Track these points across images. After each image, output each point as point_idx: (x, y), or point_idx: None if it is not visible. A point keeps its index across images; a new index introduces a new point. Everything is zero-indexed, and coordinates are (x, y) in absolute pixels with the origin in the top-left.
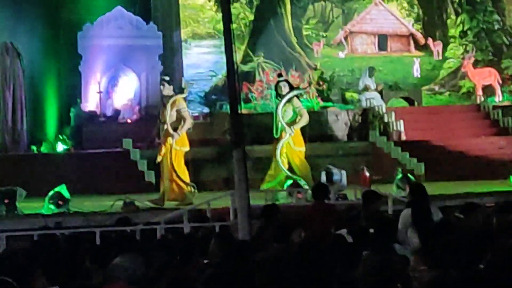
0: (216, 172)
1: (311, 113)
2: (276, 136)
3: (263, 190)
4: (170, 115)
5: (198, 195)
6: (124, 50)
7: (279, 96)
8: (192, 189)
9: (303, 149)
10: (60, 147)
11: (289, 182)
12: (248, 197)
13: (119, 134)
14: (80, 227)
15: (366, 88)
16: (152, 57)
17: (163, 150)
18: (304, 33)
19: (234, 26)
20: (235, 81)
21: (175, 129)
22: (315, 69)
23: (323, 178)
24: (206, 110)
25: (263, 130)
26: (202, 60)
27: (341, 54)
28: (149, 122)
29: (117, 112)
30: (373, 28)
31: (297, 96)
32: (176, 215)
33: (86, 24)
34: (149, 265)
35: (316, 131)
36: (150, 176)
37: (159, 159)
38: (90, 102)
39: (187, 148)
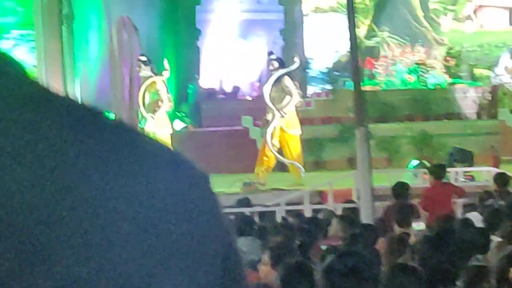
0: (339, 152)
1: (438, 90)
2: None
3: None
4: (148, 97)
5: (320, 175)
6: (244, 25)
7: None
8: None
9: (298, 131)
10: (178, 125)
11: (414, 162)
12: (371, 178)
13: (238, 112)
14: None
15: (507, 71)
16: (273, 32)
17: None
18: (431, 6)
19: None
20: (358, 57)
21: (154, 112)
22: (442, 44)
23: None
24: (328, 87)
25: (387, 107)
26: (324, 35)
27: (470, 28)
28: None
29: (236, 89)
30: (504, 1)
31: (288, 74)
32: (296, 197)
33: None
34: (267, 249)
35: (443, 109)
36: None
37: None
38: (209, 78)
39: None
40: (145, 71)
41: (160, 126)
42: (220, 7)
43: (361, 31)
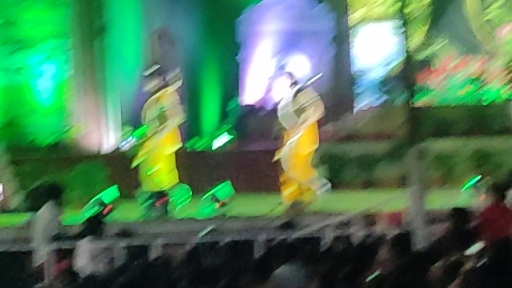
0: (391, 170)
1: (495, 104)
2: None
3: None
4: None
5: (370, 195)
6: (290, 36)
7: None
8: None
9: (309, 150)
10: (219, 143)
11: (471, 181)
12: (424, 198)
13: None
14: (239, 231)
15: None
16: (321, 42)
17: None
18: (488, 17)
19: (411, 8)
20: (411, 69)
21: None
22: (500, 56)
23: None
24: (380, 100)
25: (442, 123)
26: (375, 45)
27: None
28: None
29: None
30: None
31: (306, 89)
32: (345, 219)
33: (247, 9)
34: (313, 276)
35: (501, 125)
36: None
37: None
38: (252, 93)
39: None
40: (152, 84)
41: (166, 142)
42: (263, 18)
43: (415, 42)
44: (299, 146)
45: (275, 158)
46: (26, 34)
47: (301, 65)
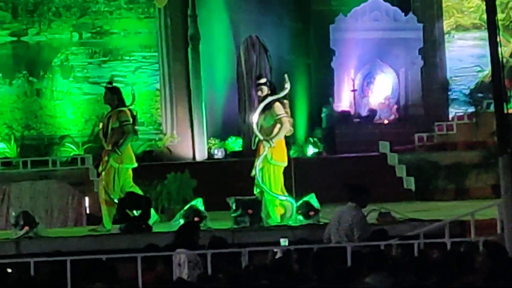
0: (483, 179)
1: None
2: (253, 148)
3: None
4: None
5: (462, 204)
6: (381, 44)
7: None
8: None
9: (282, 164)
10: (311, 151)
11: None
12: None
13: (375, 136)
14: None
15: None
16: (411, 51)
17: None
18: None
19: (503, 16)
20: (502, 77)
21: (115, 143)
22: None
23: None
24: (471, 109)
25: None
26: (466, 54)
27: None
28: (408, 123)
29: (373, 112)
30: None
31: (280, 101)
32: (436, 228)
33: (339, 16)
34: (404, 285)
35: None
36: (410, 183)
37: None
38: (343, 101)
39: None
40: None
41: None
42: (355, 26)
43: (506, 50)
44: (271, 160)
45: (252, 172)
46: (117, 45)
47: (389, 74)
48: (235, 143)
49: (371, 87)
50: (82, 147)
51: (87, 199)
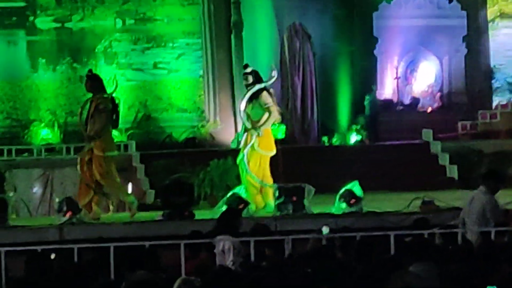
0: None
1: None
2: (239, 139)
3: None
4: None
5: (506, 193)
6: (424, 32)
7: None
8: None
9: (269, 153)
10: (353, 139)
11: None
12: None
13: (418, 124)
14: (373, 228)
15: None
16: (455, 39)
17: None
18: None
19: None
20: None
21: (95, 131)
22: None
23: None
24: None
25: None
26: (511, 42)
27: None
28: (452, 111)
29: (416, 100)
30: None
31: (267, 90)
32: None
33: (383, 3)
34: (446, 275)
35: None
36: (453, 171)
37: None
38: (386, 89)
39: None
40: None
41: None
42: (398, 13)
43: None
44: (258, 148)
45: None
46: (161, 31)
47: (433, 62)
48: (278, 130)
49: (414, 74)
50: (125, 133)
51: (130, 185)
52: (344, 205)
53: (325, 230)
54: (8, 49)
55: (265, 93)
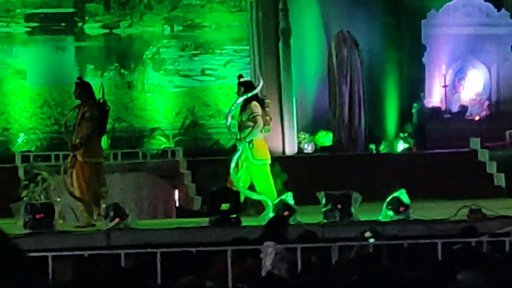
0: None
1: None
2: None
3: None
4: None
5: None
6: (472, 40)
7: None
8: None
9: (265, 161)
10: (401, 147)
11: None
12: None
13: (466, 133)
14: (420, 236)
15: None
16: (503, 47)
17: None
18: None
19: None
20: None
21: (80, 139)
22: None
23: None
24: None
25: None
26: None
27: None
28: (500, 120)
29: (464, 108)
30: None
31: (257, 100)
32: None
33: (431, 12)
34: (494, 283)
35: None
36: (500, 180)
37: None
38: (434, 96)
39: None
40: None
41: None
42: (447, 21)
43: None
44: (252, 156)
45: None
46: (209, 38)
47: (481, 70)
48: (325, 138)
49: (462, 83)
50: (173, 139)
51: (176, 191)
52: (391, 212)
53: (369, 236)
54: (56, 55)
55: (253, 102)
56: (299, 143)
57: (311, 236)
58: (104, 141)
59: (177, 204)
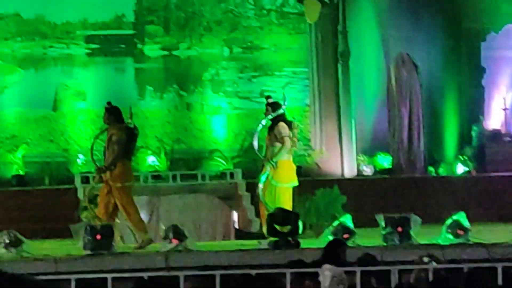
0: None
1: None
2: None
3: None
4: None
5: None
6: None
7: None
8: None
9: (287, 185)
10: (460, 169)
11: None
12: None
13: None
14: (480, 260)
15: None
16: None
17: None
18: None
19: None
20: None
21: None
22: None
23: None
24: None
25: None
26: None
27: None
28: None
29: None
30: None
31: (285, 121)
32: None
33: (490, 34)
34: None
35: None
36: None
37: None
38: (494, 119)
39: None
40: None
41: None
42: (506, 44)
43: None
44: (272, 180)
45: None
46: (268, 59)
47: None
48: (384, 160)
49: None
50: (232, 161)
51: (235, 213)
52: (451, 236)
53: (428, 261)
54: (116, 76)
55: (281, 123)
56: (358, 165)
57: (370, 259)
58: (163, 163)
59: (236, 226)
